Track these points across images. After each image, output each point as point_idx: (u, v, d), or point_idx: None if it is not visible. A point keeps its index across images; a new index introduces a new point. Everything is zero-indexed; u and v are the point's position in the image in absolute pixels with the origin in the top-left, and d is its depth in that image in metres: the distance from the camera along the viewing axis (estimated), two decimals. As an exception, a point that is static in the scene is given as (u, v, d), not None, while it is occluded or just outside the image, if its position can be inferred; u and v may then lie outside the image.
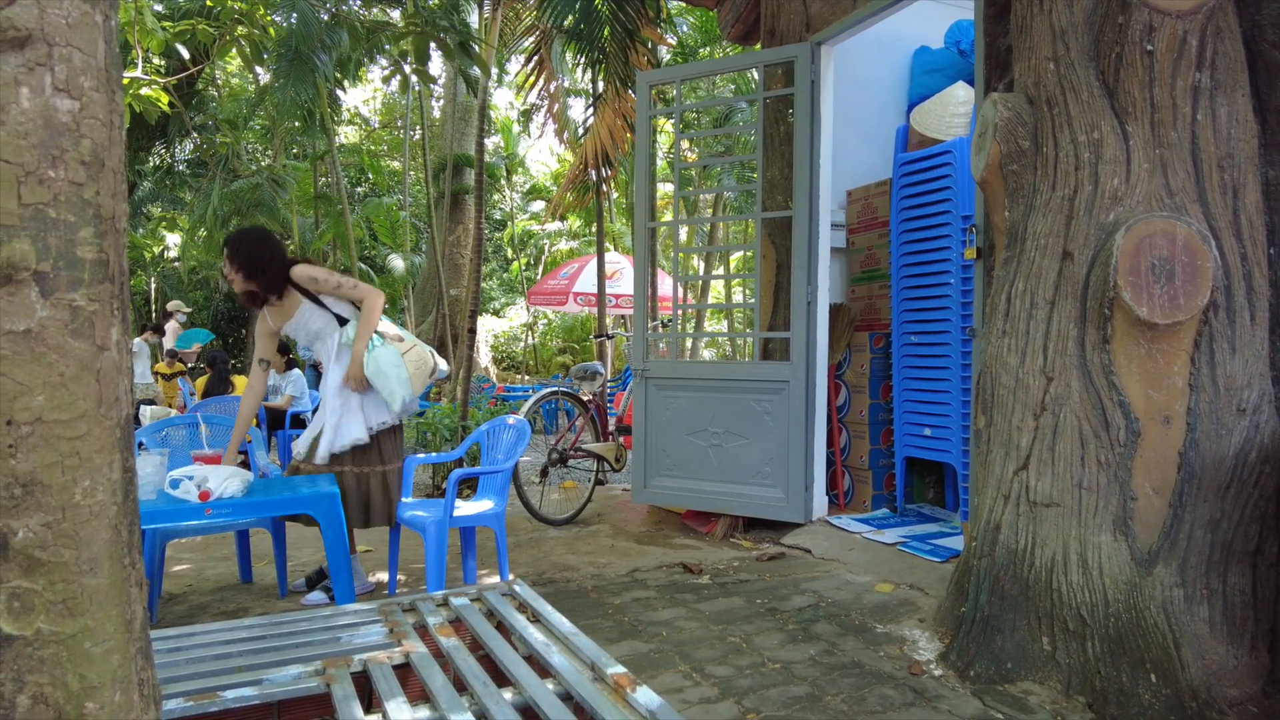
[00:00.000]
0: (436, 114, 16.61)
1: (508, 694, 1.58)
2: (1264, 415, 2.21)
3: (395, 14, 8.20)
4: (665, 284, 10.07)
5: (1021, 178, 2.59)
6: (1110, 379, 2.26)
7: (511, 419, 3.45)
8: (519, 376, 15.84)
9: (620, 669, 1.63)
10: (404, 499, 3.27)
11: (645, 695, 1.52)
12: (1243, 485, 2.19)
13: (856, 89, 4.81)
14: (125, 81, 7.37)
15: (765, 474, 4.13)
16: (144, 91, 7.29)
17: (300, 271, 3.09)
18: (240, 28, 7.21)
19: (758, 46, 5.16)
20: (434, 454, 4.52)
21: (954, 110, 4.04)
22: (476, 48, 6.32)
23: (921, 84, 4.79)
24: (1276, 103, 2.30)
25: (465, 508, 3.22)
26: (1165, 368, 2.22)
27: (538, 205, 18.89)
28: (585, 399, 4.98)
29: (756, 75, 4.98)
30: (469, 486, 4.78)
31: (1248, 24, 2.36)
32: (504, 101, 19.76)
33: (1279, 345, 2.25)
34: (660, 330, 6.72)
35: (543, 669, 1.71)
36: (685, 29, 12.20)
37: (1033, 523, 2.38)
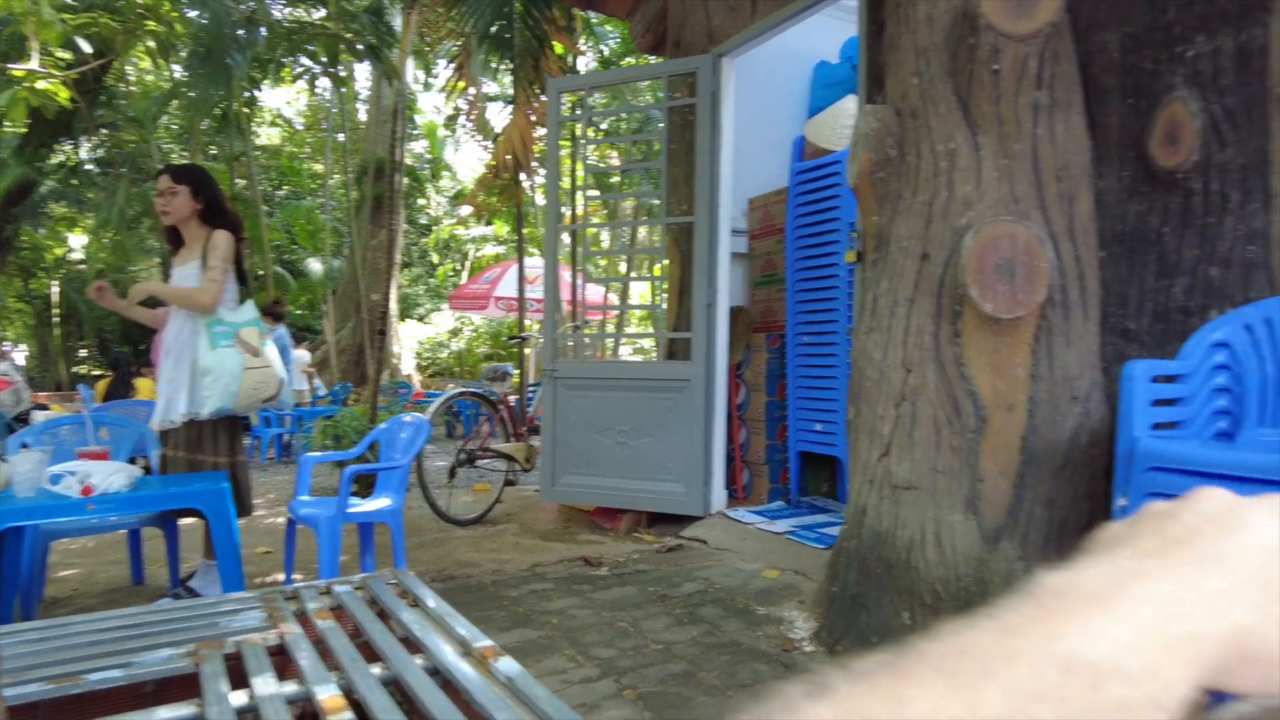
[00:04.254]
0: (363, 117, 16.39)
1: (376, 669, 1.64)
2: (1094, 402, 2.43)
3: (321, 14, 8.14)
4: (589, 288, 10.15)
5: (888, 184, 2.77)
6: (961, 370, 2.45)
7: (409, 417, 3.49)
8: (444, 383, 15.70)
9: (488, 642, 1.71)
10: (301, 497, 3.28)
11: (507, 664, 1.59)
12: (1076, 466, 2.40)
13: (761, 100, 5.00)
14: (20, 74, 7.10)
15: (668, 470, 4.26)
16: (41, 85, 7.02)
17: (219, 234, 3.08)
18: (147, 23, 7.01)
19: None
20: (332, 453, 4.51)
21: (844, 122, 4.26)
22: (395, 51, 6.31)
23: (821, 97, 5.02)
24: (1106, 121, 2.53)
25: (362, 505, 3.24)
26: (1009, 359, 2.42)
27: (466, 210, 18.77)
28: (495, 400, 5.03)
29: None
30: (369, 485, 4.78)
31: (1081, 50, 2.58)
32: (432, 105, 19.62)
33: (1108, 339, 2.47)
34: (572, 331, 6.80)
35: (416, 647, 1.77)
36: (616, 40, 12.36)
37: (895, 505, 2.55)
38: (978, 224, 2.43)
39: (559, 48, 6.76)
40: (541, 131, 5.41)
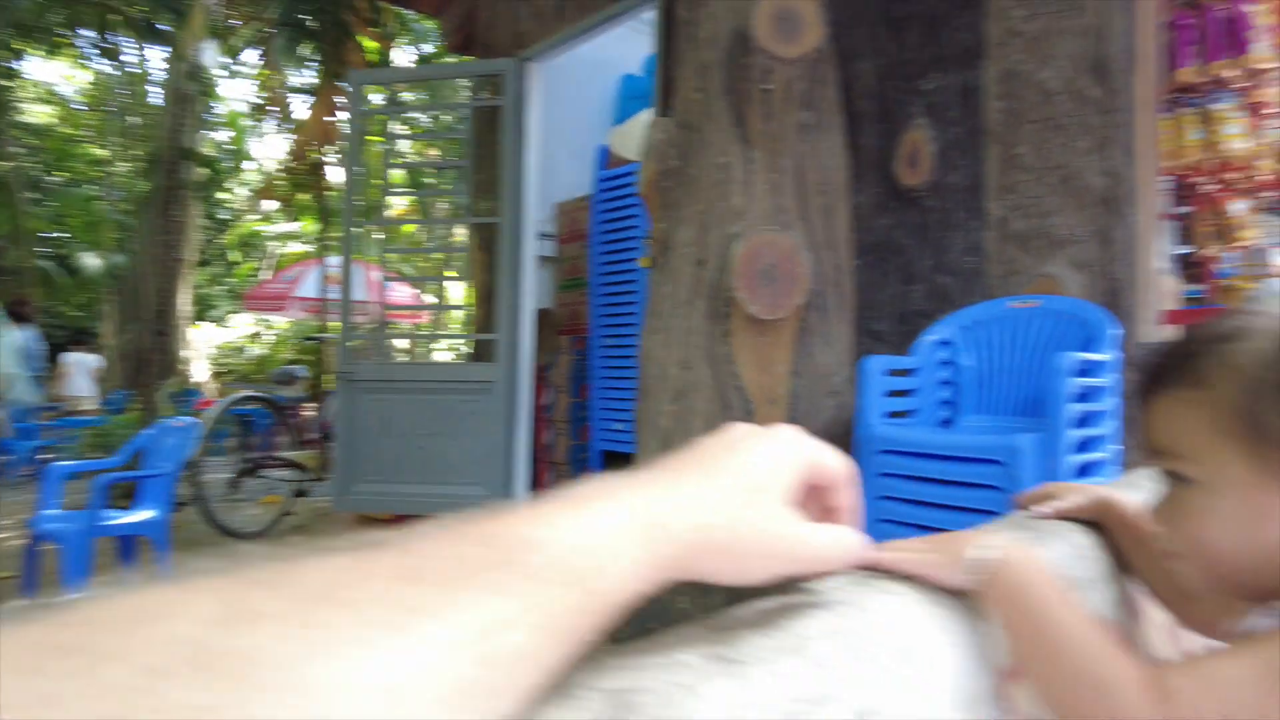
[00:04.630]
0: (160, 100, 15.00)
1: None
2: (847, 396, 2.66)
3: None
4: (403, 288, 9.83)
5: (672, 194, 2.91)
6: (731, 367, 2.61)
7: (179, 421, 3.24)
8: (240, 390, 14.63)
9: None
10: (46, 512, 2.96)
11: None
12: (832, 456, 2.62)
13: (571, 108, 5.09)
14: None
15: (469, 473, 4.21)
16: None
17: None
18: None
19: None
20: (86, 462, 4.10)
21: (643, 133, 4.42)
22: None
23: (626, 108, 5.17)
24: (861, 143, 2.79)
25: (121, 517, 2.97)
26: (773, 357, 2.60)
27: (269, 204, 17.63)
28: (283, 405, 4.77)
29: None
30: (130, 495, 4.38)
31: (842, 77, 2.84)
32: (238, 93, 18.28)
33: (860, 339, 2.73)
34: (371, 333, 6.59)
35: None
36: (438, 40, 12.07)
37: (673, 497, 2.67)
38: (746, 232, 2.60)
39: (369, 43, 6.54)
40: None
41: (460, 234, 14.85)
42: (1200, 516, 0.58)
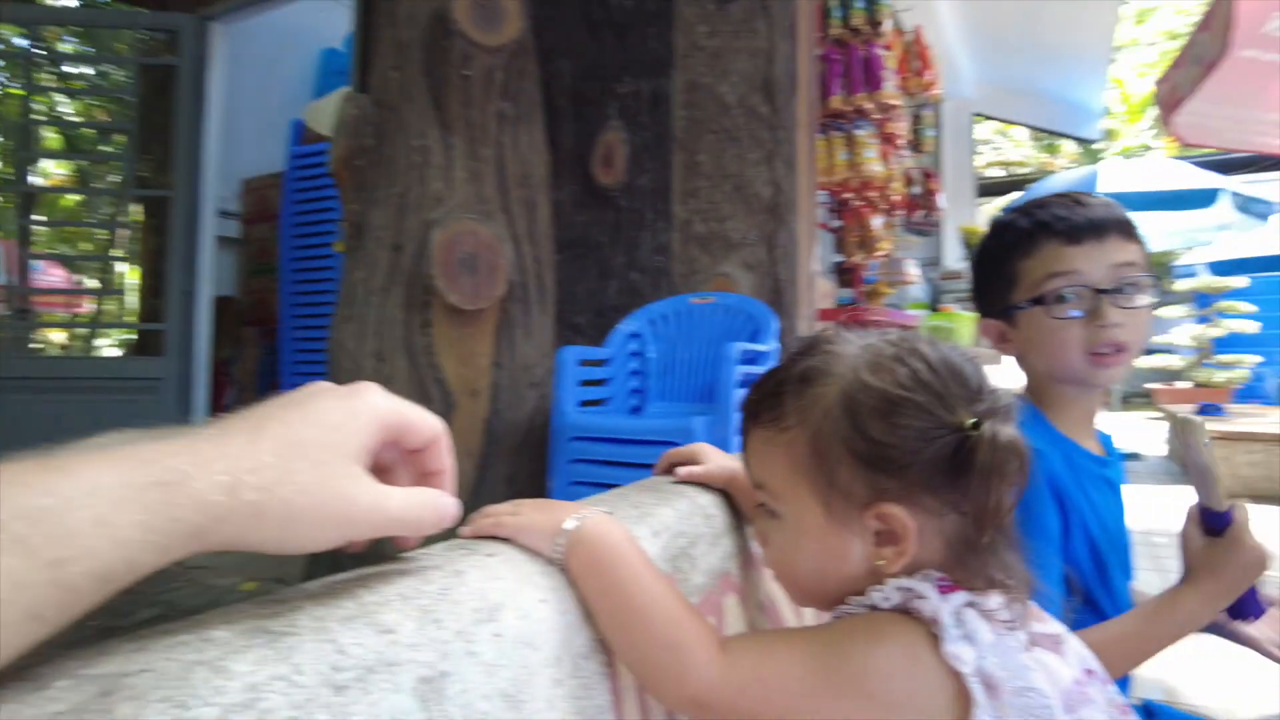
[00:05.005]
0: None
1: None
2: (548, 387, 2.71)
3: None
4: (52, 270, 8.43)
5: (366, 174, 2.76)
6: (430, 358, 2.54)
7: None
8: None
9: None
10: None
11: None
12: (532, 444, 2.65)
13: (265, 78, 4.66)
14: None
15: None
16: None
17: None
18: None
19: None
20: None
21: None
22: None
23: (326, 83, 4.84)
24: (561, 139, 2.85)
25: None
26: (474, 349, 2.57)
27: None
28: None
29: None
30: None
31: (544, 74, 2.88)
32: None
33: (561, 332, 2.79)
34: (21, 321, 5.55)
35: None
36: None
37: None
38: (445, 220, 2.55)
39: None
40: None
41: (136, 210, 12.98)
42: (783, 548, 0.63)
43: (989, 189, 11.62)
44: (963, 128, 8.38)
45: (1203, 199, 6.64)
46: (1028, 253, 0.94)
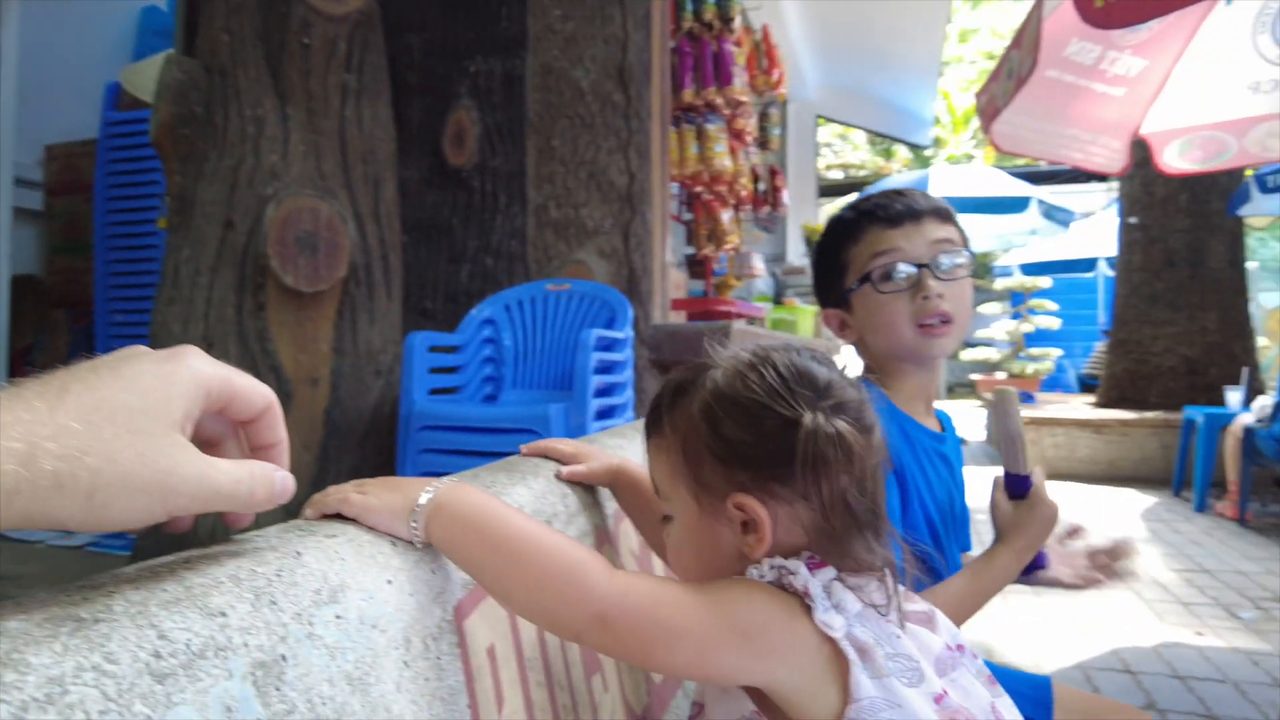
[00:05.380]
0: None
1: None
2: (396, 375, 2.62)
3: None
4: None
5: (194, 144, 2.55)
6: (265, 344, 2.38)
7: None
8: None
9: None
10: None
11: None
12: (379, 435, 2.55)
13: (74, 36, 4.21)
14: None
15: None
16: None
17: None
18: None
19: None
20: None
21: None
22: None
23: (148, 44, 4.43)
24: (409, 116, 2.75)
25: None
26: (313, 334, 2.44)
27: None
28: None
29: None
30: None
31: (392, 47, 2.76)
32: None
33: (410, 317, 2.70)
34: None
35: None
36: None
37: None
38: (282, 195, 2.40)
39: None
40: None
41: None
42: (675, 545, 0.66)
43: (829, 190, 12.26)
44: (806, 129, 8.79)
45: (1016, 205, 7.29)
46: (855, 239, 1.02)
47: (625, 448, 1.02)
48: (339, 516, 0.55)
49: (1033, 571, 1.00)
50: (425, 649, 0.53)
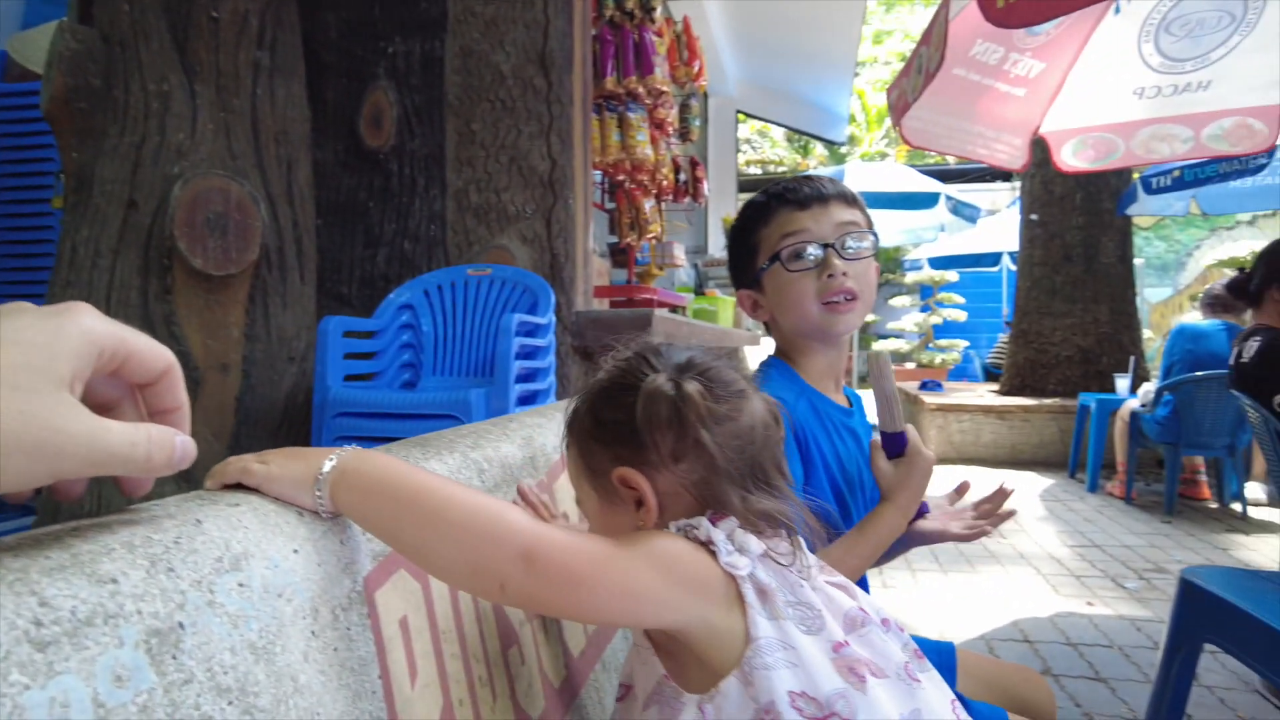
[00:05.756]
0: None
1: None
2: (311, 361, 2.55)
3: None
4: None
5: (91, 118, 2.42)
6: (172, 329, 2.29)
7: None
8: None
9: None
10: None
11: None
12: (293, 423, 2.48)
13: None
14: None
15: None
16: None
17: None
18: None
19: None
20: None
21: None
22: None
23: (38, 12, 4.17)
24: (325, 96, 2.67)
25: None
26: (223, 318, 2.36)
27: None
28: None
29: None
30: None
31: (307, 25, 2.68)
32: None
33: (324, 302, 2.63)
34: None
35: None
36: None
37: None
38: (190, 175, 2.30)
39: None
40: None
41: None
42: (612, 516, 0.69)
43: (749, 185, 12.44)
44: (726, 124, 8.89)
45: (926, 201, 7.56)
46: (766, 221, 1.06)
47: (545, 426, 1.03)
48: (241, 487, 0.54)
49: (915, 520, 1.05)
50: (334, 619, 0.53)
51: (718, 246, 8.08)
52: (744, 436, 0.66)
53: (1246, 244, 13.33)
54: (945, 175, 11.83)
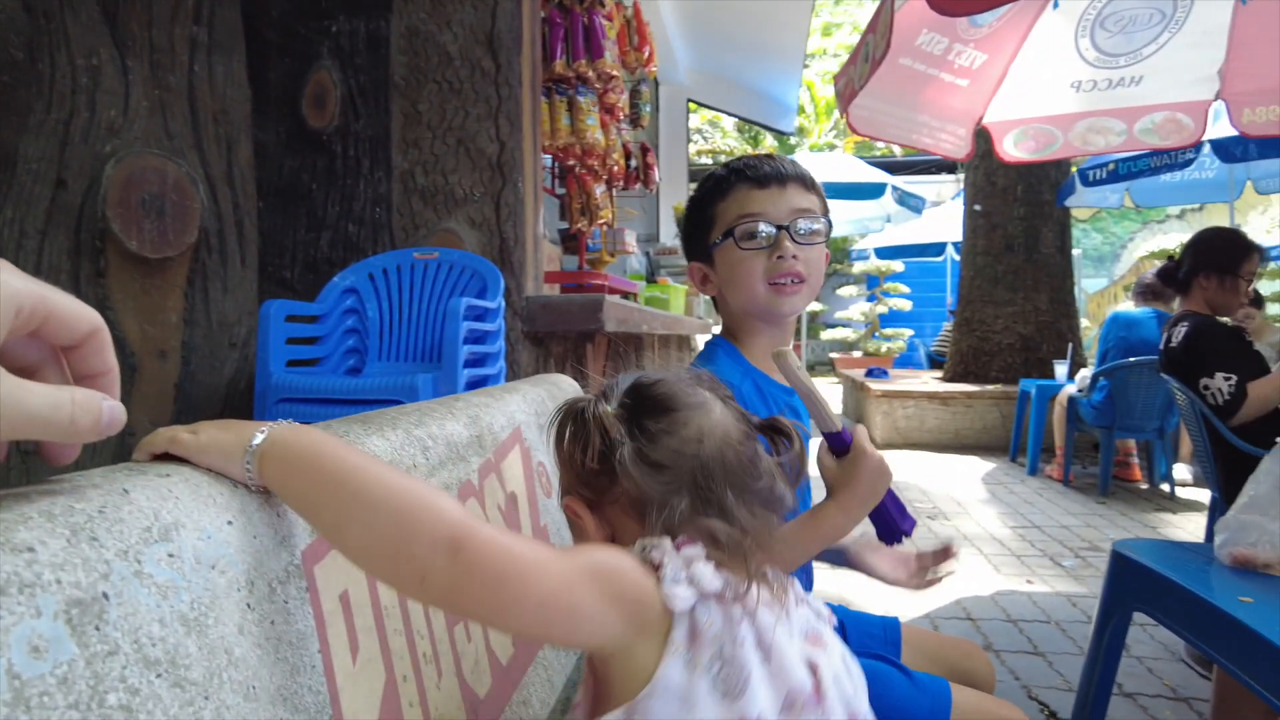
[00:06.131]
0: None
1: None
2: (252, 347, 2.49)
3: None
4: None
5: (15, 93, 2.31)
6: (106, 314, 2.20)
7: None
8: None
9: None
10: None
11: None
12: (235, 410, 2.42)
13: None
14: None
15: None
16: None
17: None
18: None
19: None
20: None
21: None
22: None
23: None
24: (267, 76, 2.60)
25: None
26: (160, 303, 2.28)
27: None
28: None
29: None
30: None
31: (247, 3, 2.60)
32: None
33: (267, 286, 2.57)
34: None
35: None
36: None
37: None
38: (124, 154, 2.22)
39: None
40: None
41: None
42: (579, 540, 0.69)
43: (700, 174, 12.50)
44: (678, 113, 8.90)
45: (873, 191, 7.67)
46: (724, 195, 1.07)
47: (492, 406, 1.02)
48: (174, 458, 0.53)
49: (894, 540, 1.01)
50: (271, 592, 0.52)
51: (669, 235, 8.09)
52: (684, 455, 0.63)
53: (1176, 236, 13.86)
54: (892, 167, 12.04)
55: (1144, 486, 4.77)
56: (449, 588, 0.49)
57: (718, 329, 1.17)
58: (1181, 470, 4.79)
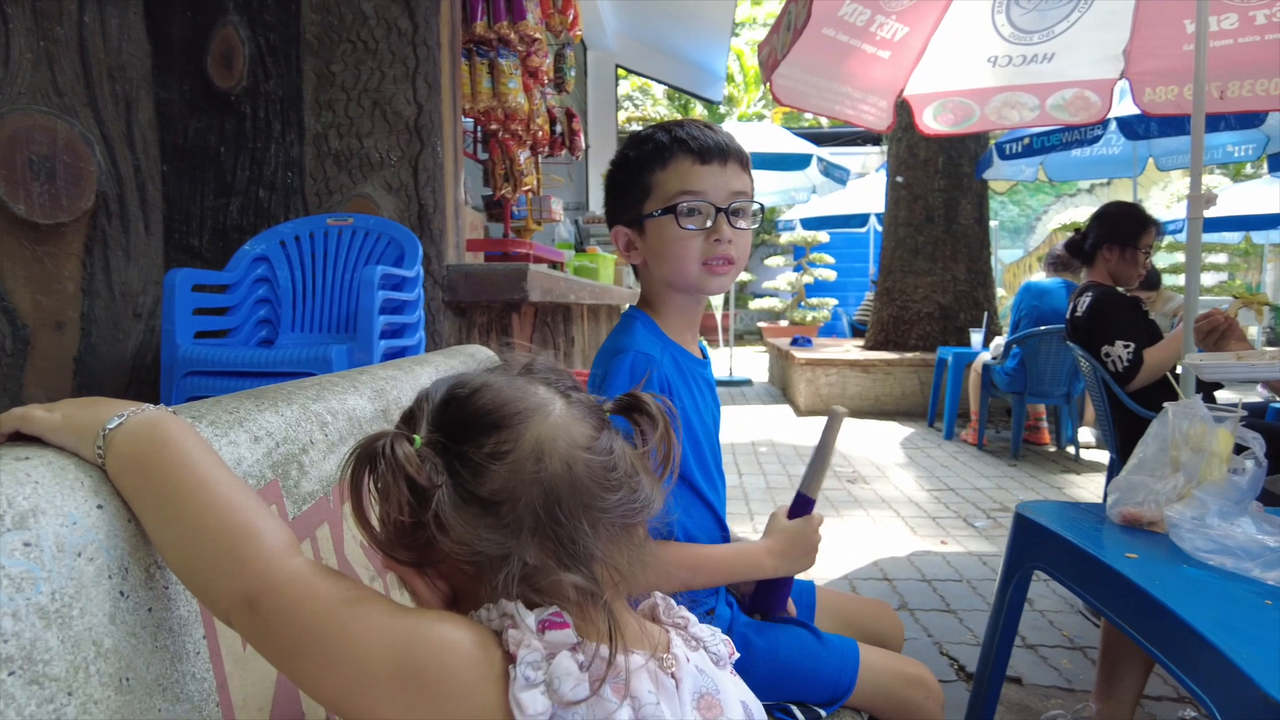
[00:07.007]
0: None
1: None
2: (158, 318, 2.38)
3: None
4: None
5: (-119, 43, 2.14)
6: (-9, 282, 2.08)
7: None
8: None
9: None
10: None
11: None
12: (141, 383, 2.32)
13: None
14: None
15: None
16: None
17: None
18: None
19: None
20: None
21: None
22: None
23: None
24: (169, 30, 2.45)
25: None
26: (55, 272, 2.16)
27: None
28: None
29: None
30: None
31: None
32: None
33: (173, 254, 2.45)
34: None
35: None
36: None
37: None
38: (5, 111, 2.08)
39: None
40: None
41: None
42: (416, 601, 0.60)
43: (632, 141, 12.41)
44: (607, 79, 8.79)
45: (799, 162, 7.75)
46: (664, 165, 1.04)
47: (400, 380, 1.00)
48: (33, 440, 0.50)
49: (764, 609, 1.12)
50: (148, 577, 0.49)
51: (598, 203, 8.04)
52: (521, 482, 0.52)
53: (1087, 209, 14.45)
54: (818, 138, 12.17)
55: (1052, 449, 5.00)
56: (250, 638, 0.47)
57: (639, 289, 1.16)
58: (1086, 434, 5.05)
